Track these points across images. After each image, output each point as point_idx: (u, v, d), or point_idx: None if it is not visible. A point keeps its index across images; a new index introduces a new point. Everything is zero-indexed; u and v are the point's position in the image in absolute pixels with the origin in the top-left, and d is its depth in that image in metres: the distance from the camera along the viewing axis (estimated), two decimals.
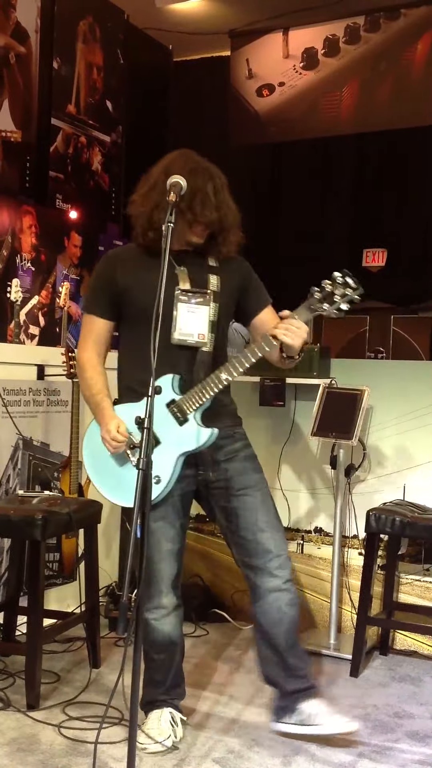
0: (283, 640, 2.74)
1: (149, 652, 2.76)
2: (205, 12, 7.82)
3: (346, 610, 3.86)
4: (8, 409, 3.53)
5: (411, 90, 7.50)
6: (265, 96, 8.15)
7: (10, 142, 6.49)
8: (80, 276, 7.14)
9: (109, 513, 4.14)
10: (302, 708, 2.74)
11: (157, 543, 2.69)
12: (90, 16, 7.21)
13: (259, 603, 2.74)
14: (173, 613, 2.75)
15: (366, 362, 4.13)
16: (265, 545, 2.72)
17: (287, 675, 2.76)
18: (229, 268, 2.79)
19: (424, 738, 2.88)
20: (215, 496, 2.77)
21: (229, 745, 2.76)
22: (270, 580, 2.72)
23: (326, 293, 2.56)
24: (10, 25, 6.35)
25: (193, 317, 2.66)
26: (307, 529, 4.02)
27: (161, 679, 2.79)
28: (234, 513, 2.74)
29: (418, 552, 3.77)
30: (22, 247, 6.44)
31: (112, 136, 7.56)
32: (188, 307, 2.66)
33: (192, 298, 2.67)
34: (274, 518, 2.77)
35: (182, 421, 2.63)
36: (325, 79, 7.85)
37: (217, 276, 2.74)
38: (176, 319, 2.65)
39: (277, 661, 2.76)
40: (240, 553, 2.77)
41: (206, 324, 2.68)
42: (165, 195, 2.51)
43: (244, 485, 2.74)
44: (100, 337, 2.78)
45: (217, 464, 2.73)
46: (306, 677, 2.79)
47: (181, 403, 2.63)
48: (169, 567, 2.72)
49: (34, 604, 3.03)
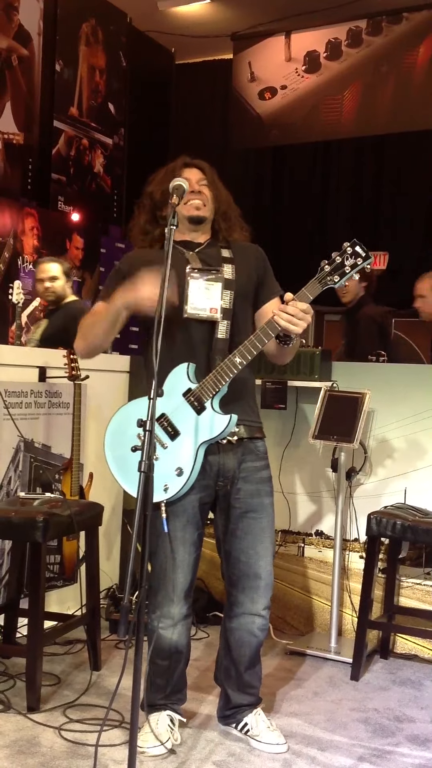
0: (246, 660, 2.81)
1: (154, 657, 2.75)
2: (207, 15, 7.84)
3: (346, 614, 3.86)
4: (10, 411, 3.53)
5: (412, 93, 7.52)
6: (267, 99, 8.17)
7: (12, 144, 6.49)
8: (82, 278, 7.15)
9: (110, 515, 4.14)
10: (244, 720, 2.83)
11: (173, 552, 2.68)
12: (93, 19, 7.23)
13: (233, 621, 2.79)
14: (182, 623, 2.74)
15: (367, 365, 4.12)
16: (256, 571, 2.74)
17: (238, 689, 2.84)
18: (244, 255, 2.79)
19: (425, 742, 2.88)
20: (223, 510, 2.77)
21: (229, 748, 2.76)
22: (251, 605, 2.76)
23: (336, 265, 2.53)
24: (13, 27, 6.36)
25: (205, 293, 2.66)
26: (308, 532, 4.02)
27: (163, 684, 2.78)
28: (234, 534, 2.74)
29: (419, 555, 3.76)
30: (24, 249, 6.45)
31: (114, 139, 7.57)
32: (199, 283, 2.66)
33: (203, 275, 2.67)
34: (270, 545, 2.78)
35: (200, 409, 2.60)
36: (327, 82, 7.87)
37: (231, 265, 2.74)
38: (187, 296, 2.64)
39: (233, 674, 2.83)
40: (229, 570, 2.78)
41: (218, 299, 2.66)
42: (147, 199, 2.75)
43: (252, 508, 2.74)
44: None
45: (235, 479, 2.72)
46: (255, 695, 2.87)
47: (198, 392, 2.60)
48: (183, 577, 2.70)
49: (35, 606, 3.03)
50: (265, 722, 2.82)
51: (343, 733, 2.91)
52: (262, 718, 2.83)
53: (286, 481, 4.02)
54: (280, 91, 8.10)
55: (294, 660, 3.62)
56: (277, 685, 3.31)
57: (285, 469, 4.02)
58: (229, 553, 2.76)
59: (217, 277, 2.67)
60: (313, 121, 8.00)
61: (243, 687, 2.83)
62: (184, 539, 2.69)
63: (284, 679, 3.37)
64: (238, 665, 2.81)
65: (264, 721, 2.82)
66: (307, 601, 4.00)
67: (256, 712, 2.84)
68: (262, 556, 2.74)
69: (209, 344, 2.67)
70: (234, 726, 2.85)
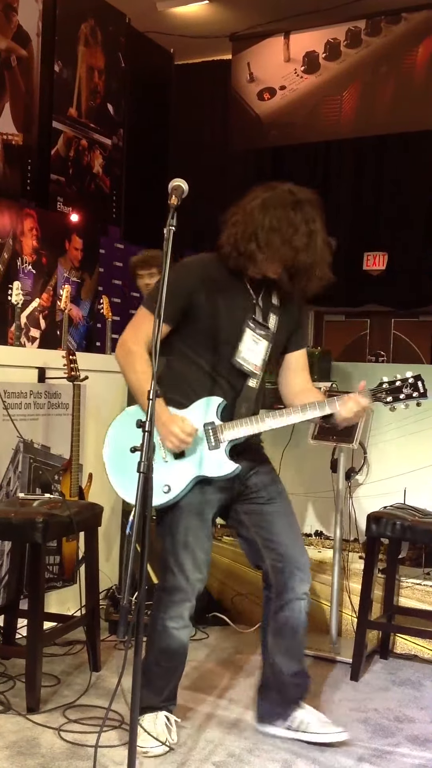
0: (299, 646, 2.83)
1: (158, 658, 2.75)
2: (206, 16, 7.84)
3: (346, 614, 3.85)
4: (9, 412, 3.53)
5: (412, 94, 7.52)
6: (266, 99, 8.17)
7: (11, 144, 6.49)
8: (81, 279, 7.15)
9: (110, 516, 4.14)
10: (296, 715, 2.82)
11: (192, 553, 2.70)
12: (91, 20, 7.23)
13: (287, 607, 2.79)
14: (190, 624, 2.78)
15: (367, 366, 4.12)
16: (299, 551, 2.80)
17: (294, 683, 2.83)
18: (289, 311, 2.81)
19: (425, 742, 2.88)
20: (244, 503, 2.80)
21: (229, 748, 2.76)
22: (303, 584, 2.79)
23: (394, 388, 2.62)
24: (12, 28, 6.36)
25: (254, 347, 2.71)
26: (308, 532, 4.02)
27: (162, 686, 2.78)
28: (266, 519, 2.79)
29: (418, 556, 3.77)
30: (23, 250, 6.45)
31: (113, 139, 7.57)
32: (253, 336, 2.71)
33: (257, 329, 2.71)
34: (298, 525, 2.89)
35: (213, 446, 2.66)
36: (326, 82, 7.87)
37: (276, 317, 2.77)
38: (241, 344, 2.69)
39: (293, 666, 2.82)
40: (273, 557, 2.78)
41: (262, 357, 2.73)
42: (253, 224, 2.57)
43: (274, 495, 2.83)
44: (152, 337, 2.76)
45: (249, 477, 2.79)
46: (308, 687, 2.87)
47: (219, 430, 2.66)
48: (200, 576, 2.73)
49: (35, 607, 3.03)
50: (317, 714, 2.84)
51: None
52: (313, 711, 2.85)
53: (285, 481, 3.97)
54: (279, 92, 8.10)
55: None
56: None
57: (284, 469, 4.01)
58: (268, 540, 2.78)
59: (267, 335, 2.73)
60: (313, 122, 7.99)
61: (300, 678, 2.84)
62: (202, 540, 2.72)
63: None
64: (297, 653, 2.83)
65: (316, 713, 2.84)
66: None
67: (305, 707, 2.84)
68: (298, 536, 2.84)
69: (239, 389, 2.72)
70: (284, 725, 2.82)
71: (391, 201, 7.76)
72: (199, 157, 8.11)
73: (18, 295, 4.77)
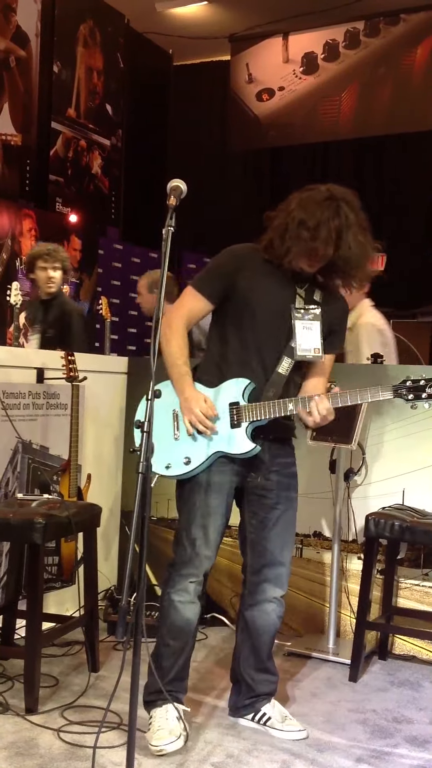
0: (267, 647, 2.93)
1: (165, 637, 2.81)
2: (205, 17, 7.85)
3: (345, 615, 3.85)
4: (8, 413, 3.52)
5: (410, 95, 7.53)
6: (264, 100, 8.18)
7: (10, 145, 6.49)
8: (80, 279, 7.15)
9: (109, 516, 4.14)
10: (263, 709, 2.91)
11: (207, 528, 2.77)
12: (90, 20, 7.24)
13: (254, 608, 2.90)
14: (197, 601, 2.83)
15: (365, 367, 4.12)
16: (281, 559, 2.88)
17: (260, 678, 2.93)
18: (330, 306, 2.85)
19: (423, 743, 2.88)
20: (252, 501, 2.88)
21: (228, 749, 2.76)
22: (273, 590, 2.88)
23: (418, 386, 2.65)
24: (11, 28, 6.36)
25: (308, 333, 2.77)
26: (306, 533, 4.02)
27: (168, 666, 2.81)
28: (265, 524, 2.86)
29: (417, 556, 3.77)
30: (22, 251, 6.44)
31: (112, 140, 7.57)
32: (303, 323, 2.76)
33: (305, 314, 2.77)
34: (293, 536, 2.94)
35: (236, 425, 2.72)
36: (325, 83, 7.88)
37: (320, 310, 2.81)
38: (295, 337, 2.75)
39: (254, 663, 2.92)
40: (254, 559, 2.88)
41: (320, 338, 2.78)
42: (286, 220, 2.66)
43: (283, 501, 2.87)
44: (193, 314, 2.84)
45: (268, 472, 2.84)
46: (275, 682, 2.97)
47: (242, 410, 2.72)
48: (209, 553, 2.79)
49: (33, 607, 3.02)
50: (282, 711, 2.92)
51: (341, 735, 2.91)
52: (279, 708, 2.93)
53: None
54: (278, 93, 8.11)
55: (292, 661, 3.62)
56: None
57: None
58: (256, 543, 2.87)
59: (316, 316, 2.78)
60: (311, 123, 8.00)
61: (265, 675, 2.93)
62: (216, 517, 2.78)
63: (282, 681, 3.37)
64: (261, 653, 2.91)
65: (281, 710, 2.92)
66: (305, 603, 4.00)
67: (273, 703, 2.94)
68: (286, 545, 2.90)
69: (270, 373, 2.77)
70: (251, 717, 2.92)
71: (390, 202, 7.77)
72: (198, 158, 8.12)
73: (17, 296, 4.77)
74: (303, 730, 2.87)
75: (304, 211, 2.65)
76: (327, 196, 2.66)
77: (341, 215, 2.64)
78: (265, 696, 2.93)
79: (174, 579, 2.80)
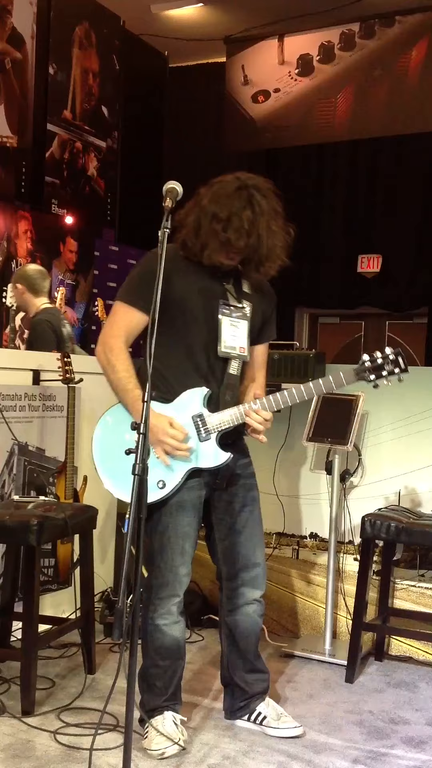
0: (253, 647, 2.91)
1: (154, 659, 2.76)
2: (200, 18, 7.85)
3: (341, 616, 3.86)
4: (3, 415, 3.52)
5: (405, 97, 7.54)
6: (260, 102, 8.18)
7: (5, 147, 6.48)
8: (76, 281, 7.15)
9: (105, 518, 4.14)
10: (258, 709, 2.90)
11: (182, 548, 2.72)
12: (86, 22, 7.24)
13: (235, 613, 2.87)
14: (181, 619, 2.79)
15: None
16: (255, 560, 2.85)
17: (253, 679, 2.91)
18: (259, 298, 2.82)
19: (420, 744, 2.88)
20: (219, 509, 2.83)
21: (224, 750, 2.76)
22: (253, 591, 2.86)
23: (376, 365, 2.64)
24: (6, 30, 6.36)
25: (234, 331, 2.71)
26: (303, 534, 4.03)
27: (163, 686, 2.78)
28: (234, 528, 2.83)
29: (413, 557, 3.77)
30: (18, 252, 6.45)
31: (107, 142, 7.57)
32: (230, 320, 2.71)
33: (233, 311, 2.72)
34: (262, 534, 2.91)
35: (204, 438, 2.67)
36: (320, 85, 7.89)
37: (250, 303, 2.78)
38: (220, 333, 2.69)
39: (243, 666, 2.90)
40: (228, 564, 2.85)
41: (246, 338, 2.74)
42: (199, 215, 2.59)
43: (248, 502, 2.85)
44: (133, 331, 2.72)
45: (232, 476, 2.80)
46: (267, 680, 2.96)
47: (208, 420, 2.67)
48: (186, 571, 2.76)
49: (29, 609, 3.02)
50: (277, 709, 2.91)
51: (338, 736, 2.91)
52: (273, 705, 2.92)
53: (280, 483, 4.02)
54: (274, 94, 8.11)
55: (288, 662, 3.62)
56: (272, 688, 3.31)
57: (279, 471, 4.03)
58: (229, 548, 2.83)
59: (244, 315, 2.73)
60: (307, 124, 8.01)
61: (256, 675, 2.92)
62: (190, 535, 2.74)
63: (279, 682, 3.37)
64: (247, 654, 2.89)
65: (275, 707, 2.92)
66: (301, 604, 4.00)
67: (267, 701, 2.92)
68: (258, 545, 2.86)
69: (221, 376, 2.72)
70: (246, 718, 2.91)
71: (385, 203, 7.78)
72: (194, 160, 8.12)
73: (12, 298, 4.77)
74: (299, 727, 2.87)
75: (215, 204, 2.58)
76: (237, 186, 2.60)
77: (253, 204, 2.57)
78: (259, 695, 2.92)
79: (155, 603, 2.73)
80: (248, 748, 2.78)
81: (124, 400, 2.68)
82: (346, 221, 7.91)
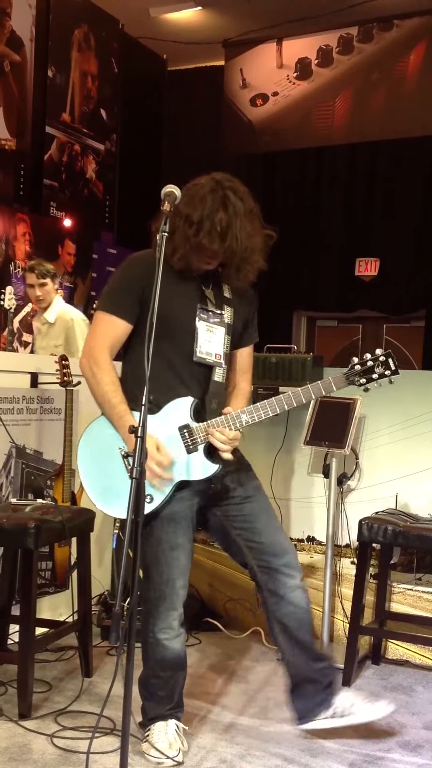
0: (309, 636, 2.80)
1: (155, 669, 2.72)
2: (199, 22, 7.87)
3: (338, 620, 3.86)
4: (1, 417, 3.52)
5: (403, 100, 7.56)
6: (258, 105, 8.20)
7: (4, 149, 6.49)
8: (74, 284, 7.16)
9: (102, 521, 4.14)
10: (336, 702, 2.79)
11: (176, 560, 2.67)
12: (85, 25, 7.25)
13: (283, 603, 2.75)
14: (182, 632, 2.74)
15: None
16: (283, 545, 2.77)
17: (322, 666, 2.80)
18: (241, 302, 2.78)
19: (416, 748, 2.88)
20: (222, 507, 2.77)
21: (221, 754, 2.75)
22: (294, 577, 2.76)
23: (367, 368, 2.61)
24: (5, 33, 6.37)
25: (211, 336, 2.66)
26: (300, 538, 4.03)
27: (165, 696, 2.75)
28: (247, 519, 2.75)
29: (410, 561, 3.77)
30: (16, 255, 6.45)
31: (106, 145, 7.58)
32: (207, 325, 2.66)
33: (211, 317, 2.67)
34: (276, 518, 2.86)
35: (191, 449, 2.63)
36: (319, 89, 7.90)
37: (231, 308, 2.74)
38: (197, 338, 2.64)
39: (309, 656, 2.79)
40: (257, 556, 2.75)
41: (222, 345, 2.69)
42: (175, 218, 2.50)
43: (250, 492, 2.79)
44: (116, 341, 2.67)
45: (225, 475, 2.74)
46: (333, 668, 2.88)
47: (195, 432, 2.62)
48: (184, 584, 2.70)
49: (27, 612, 3.02)
50: (357, 694, 2.84)
51: (334, 739, 2.90)
52: (352, 692, 2.85)
53: (277, 486, 4.02)
54: (272, 98, 8.13)
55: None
56: (269, 691, 3.31)
57: (276, 474, 4.03)
58: (249, 541, 2.75)
59: (221, 322, 2.69)
60: (305, 128, 8.02)
61: (323, 663, 2.82)
62: (185, 546, 2.69)
63: (276, 685, 3.37)
64: (308, 643, 2.78)
65: (354, 693, 2.84)
66: None
67: (341, 692, 2.82)
68: (279, 529, 2.81)
69: (206, 385, 2.68)
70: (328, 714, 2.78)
71: (383, 207, 7.79)
72: (192, 163, 8.12)
73: (11, 300, 4.77)
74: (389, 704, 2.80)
75: (189, 206, 2.52)
76: (211, 188, 2.54)
77: (227, 205, 2.51)
78: (329, 686, 2.80)
79: (154, 615, 2.68)
80: (245, 751, 2.78)
81: (110, 415, 2.64)
82: (344, 225, 7.92)
